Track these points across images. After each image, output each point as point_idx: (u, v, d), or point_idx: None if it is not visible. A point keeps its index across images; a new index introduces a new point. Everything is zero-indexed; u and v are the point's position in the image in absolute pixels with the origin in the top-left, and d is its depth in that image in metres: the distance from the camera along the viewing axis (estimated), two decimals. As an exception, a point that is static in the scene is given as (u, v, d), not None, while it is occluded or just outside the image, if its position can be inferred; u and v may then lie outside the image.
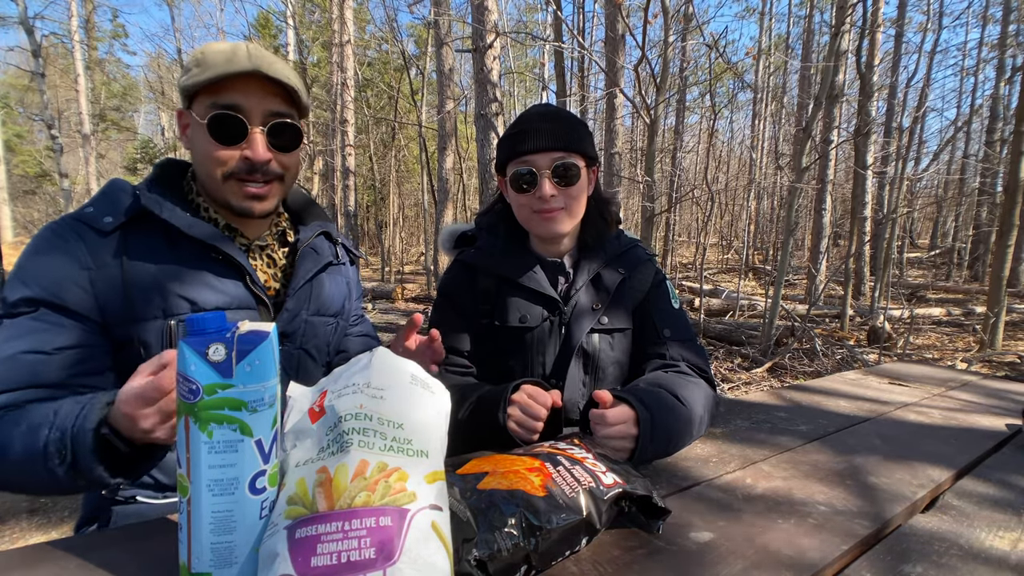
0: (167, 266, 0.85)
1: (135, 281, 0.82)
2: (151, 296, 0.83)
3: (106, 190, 0.88)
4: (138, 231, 0.85)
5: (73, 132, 17.91)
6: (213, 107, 0.85)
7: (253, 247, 0.96)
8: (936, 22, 11.51)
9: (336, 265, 1.08)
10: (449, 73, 8.57)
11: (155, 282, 0.84)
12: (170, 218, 0.84)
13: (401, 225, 21.70)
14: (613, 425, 0.83)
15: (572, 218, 1.07)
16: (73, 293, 0.79)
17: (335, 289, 1.07)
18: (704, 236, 9.16)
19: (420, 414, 0.59)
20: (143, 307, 0.83)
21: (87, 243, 0.82)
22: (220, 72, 0.82)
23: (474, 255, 1.14)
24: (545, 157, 1.02)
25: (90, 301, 0.80)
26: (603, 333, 1.10)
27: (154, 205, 0.85)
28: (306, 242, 1.01)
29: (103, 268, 0.81)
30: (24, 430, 0.69)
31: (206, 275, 0.87)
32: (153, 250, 0.85)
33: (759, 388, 4.52)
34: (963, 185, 14.97)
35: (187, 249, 0.86)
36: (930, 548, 0.70)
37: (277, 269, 0.99)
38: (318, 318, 1.02)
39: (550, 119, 1.04)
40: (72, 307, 0.79)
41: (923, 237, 21.85)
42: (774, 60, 15.35)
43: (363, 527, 0.47)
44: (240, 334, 0.52)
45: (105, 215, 0.83)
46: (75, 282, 0.79)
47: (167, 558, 0.57)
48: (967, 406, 1.43)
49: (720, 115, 14.97)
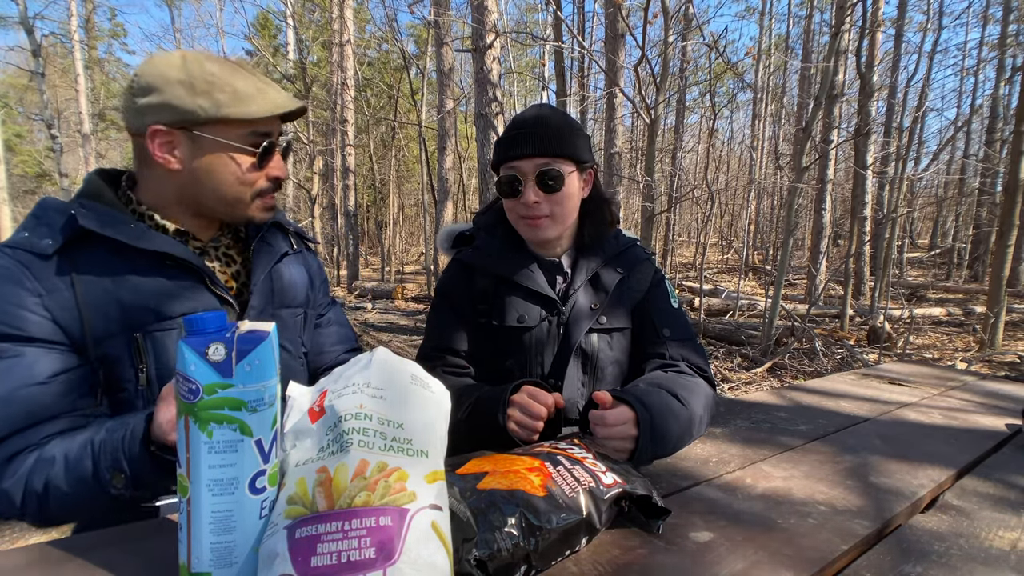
0: (122, 280, 0.82)
1: (90, 300, 0.80)
2: (111, 313, 0.81)
3: (37, 213, 0.83)
4: (84, 249, 0.81)
5: (73, 132, 17.89)
6: (254, 135, 0.86)
7: (207, 249, 0.94)
8: (936, 22, 11.50)
9: (293, 254, 1.06)
10: (449, 73, 8.57)
11: (113, 299, 0.81)
12: (114, 234, 0.81)
13: (401, 225, 21.71)
14: (613, 426, 0.83)
15: (558, 224, 1.07)
16: (34, 322, 0.77)
17: (297, 278, 1.05)
18: (704, 236, 9.16)
19: (420, 414, 0.59)
20: (103, 325, 0.80)
21: (31, 269, 0.78)
22: (269, 111, 0.85)
23: (472, 255, 1.14)
24: (529, 163, 1.02)
25: (51, 327, 0.78)
26: (602, 333, 1.10)
27: (93, 223, 0.80)
28: (256, 235, 0.99)
29: (53, 292, 0.78)
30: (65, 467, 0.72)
31: (165, 283, 0.85)
32: (103, 266, 0.81)
33: (759, 388, 4.52)
34: (963, 185, 14.97)
35: (139, 260, 0.83)
36: (930, 548, 0.71)
37: (235, 267, 0.98)
38: (285, 310, 1.01)
39: (540, 124, 1.03)
40: (39, 336, 0.77)
41: (923, 237, 21.85)
42: (774, 60, 15.35)
43: (363, 527, 0.47)
44: (240, 334, 0.52)
45: (43, 238, 0.79)
46: (33, 312, 0.77)
47: (167, 558, 0.57)
48: (967, 406, 1.43)
49: (720, 115, 14.97)
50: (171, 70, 0.82)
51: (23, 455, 0.74)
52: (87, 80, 15.17)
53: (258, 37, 18.02)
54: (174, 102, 0.81)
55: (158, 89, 0.81)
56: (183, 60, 0.83)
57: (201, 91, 0.81)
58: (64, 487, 0.72)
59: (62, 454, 0.73)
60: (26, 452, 0.74)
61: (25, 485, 0.73)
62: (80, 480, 0.72)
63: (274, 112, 0.86)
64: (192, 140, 0.84)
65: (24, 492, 0.73)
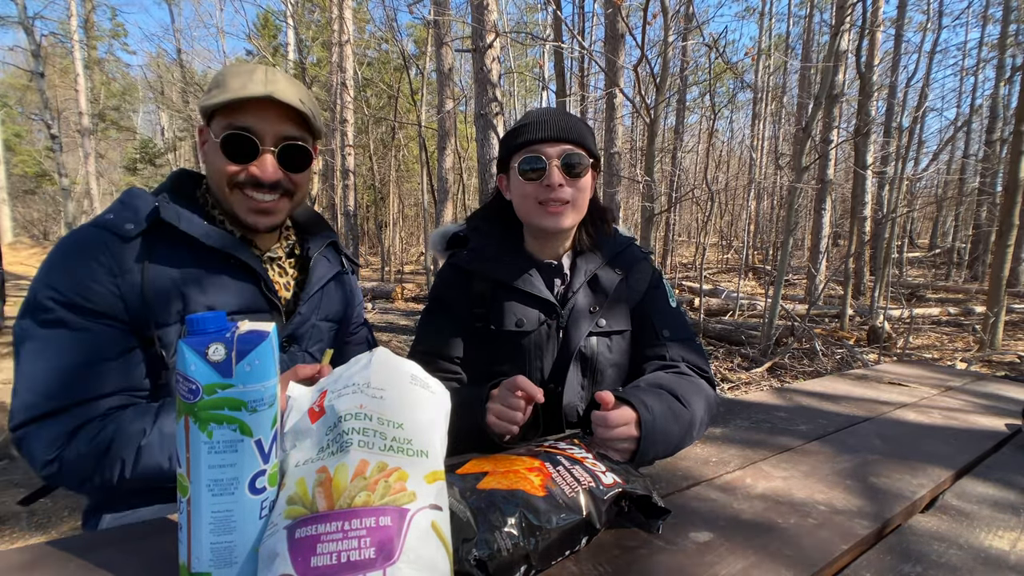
0: (187, 271, 0.88)
1: (155, 286, 0.85)
2: (171, 301, 0.86)
3: (124, 199, 0.90)
4: (159, 238, 0.87)
5: (72, 132, 17.89)
6: (228, 127, 0.89)
7: (265, 258, 1.01)
8: (936, 22, 11.50)
9: (344, 273, 1.15)
10: (449, 73, 8.57)
11: (175, 287, 0.87)
12: (188, 229, 0.88)
13: (401, 225, 21.70)
14: (615, 427, 0.83)
15: (577, 213, 1.06)
16: (106, 299, 0.82)
17: (340, 296, 1.13)
18: (704, 236, 9.16)
19: (420, 414, 0.59)
20: (163, 311, 0.86)
21: (112, 249, 0.84)
22: (234, 96, 0.87)
23: (467, 258, 1.12)
24: (555, 147, 1.02)
25: (120, 305, 0.83)
26: (601, 336, 1.10)
27: (173, 216, 0.87)
28: (318, 250, 1.07)
29: (127, 273, 0.84)
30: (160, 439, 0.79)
31: (225, 280, 0.91)
32: (174, 257, 0.88)
33: (759, 388, 4.52)
34: (963, 185, 14.97)
35: (206, 257, 0.90)
36: (930, 548, 0.71)
37: (288, 279, 1.04)
38: (325, 323, 1.08)
39: (557, 115, 1.05)
40: (110, 312, 0.83)
41: (923, 237, 21.85)
42: (774, 60, 15.35)
43: (363, 527, 0.47)
44: (240, 334, 0.52)
45: (126, 222, 0.86)
46: (106, 288, 0.82)
47: (167, 558, 0.57)
48: (967, 406, 1.43)
49: (720, 115, 14.99)
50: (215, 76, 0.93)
51: (92, 425, 0.79)
52: (87, 80, 15.17)
53: (258, 37, 18.01)
54: (200, 102, 0.93)
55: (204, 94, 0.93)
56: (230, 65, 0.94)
57: (209, 89, 0.91)
58: (159, 458, 0.78)
59: (155, 427, 0.79)
60: (94, 423, 0.79)
61: (106, 452, 0.77)
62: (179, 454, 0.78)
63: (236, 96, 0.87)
64: (207, 135, 0.93)
65: (103, 459, 0.77)
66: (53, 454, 0.77)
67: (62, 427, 0.78)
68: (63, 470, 0.77)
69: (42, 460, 0.77)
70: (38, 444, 0.77)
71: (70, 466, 0.77)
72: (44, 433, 0.78)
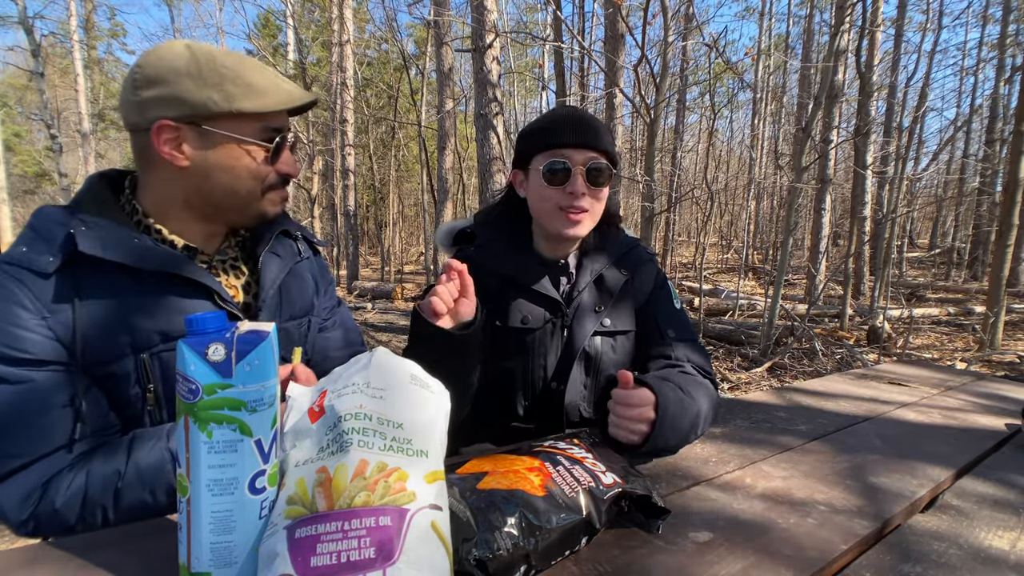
0: (126, 300, 0.78)
1: (92, 322, 0.76)
2: (115, 334, 0.77)
3: (35, 224, 0.77)
4: (87, 267, 0.76)
5: (72, 132, 17.89)
6: (266, 130, 0.83)
7: (214, 262, 0.91)
8: (936, 22, 11.49)
9: (300, 262, 1.03)
10: (449, 73, 8.56)
11: (118, 320, 0.77)
12: (117, 257, 0.76)
13: (401, 225, 21.70)
14: (635, 407, 0.82)
15: (593, 221, 1.06)
16: (41, 345, 0.73)
17: (304, 287, 1.02)
18: (704, 236, 9.16)
19: (420, 414, 0.59)
20: (108, 347, 0.77)
21: (31, 289, 0.73)
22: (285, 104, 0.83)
23: (476, 252, 1.11)
24: (581, 154, 1.01)
25: (58, 347, 0.74)
26: (605, 336, 1.10)
27: (95, 247, 0.75)
28: (265, 247, 0.95)
29: (56, 313, 0.74)
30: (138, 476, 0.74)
31: (172, 300, 0.81)
32: (107, 286, 0.77)
33: (759, 388, 4.52)
34: (963, 185, 14.96)
35: (146, 279, 0.79)
36: (930, 548, 0.71)
37: (244, 278, 0.95)
38: (291, 323, 0.98)
39: (585, 120, 1.04)
40: (49, 358, 0.74)
41: (923, 237, 21.85)
42: (774, 60, 15.35)
43: (363, 527, 0.47)
44: (239, 334, 0.52)
45: (41, 255, 0.74)
46: (37, 333, 0.73)
47: (167, 558, 0.57)
48: (967, 406, 1.43)
49: (720, 115, 14.98)
50: (178, 61, 0.77)
51: (63, 476, 0.73)
52: (86, 80, 15.16)
53: (258, 37, 18.01)
54: (183, 95, 0.76)
55: (164, 81, 0.76)
56: (189, 51, 0.78)
57: (212, 83, 0.77)
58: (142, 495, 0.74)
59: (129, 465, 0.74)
60: (65, 473, 0.73)
61: (84, 501, 0.72)
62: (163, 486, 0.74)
63: (289, 104, 0.84)
64: (201, 135, 0.79)
65: (82, 508, 0.72)
66: (27, 513, 0.71)
67: (30, 483, 0.71)
68: (41, 527, 0.72)
69: (16, 521, 0.71)
70: (9, 504, 0.71)
71: (48, 522, 0.72)
72: (13, 492, 0.71)
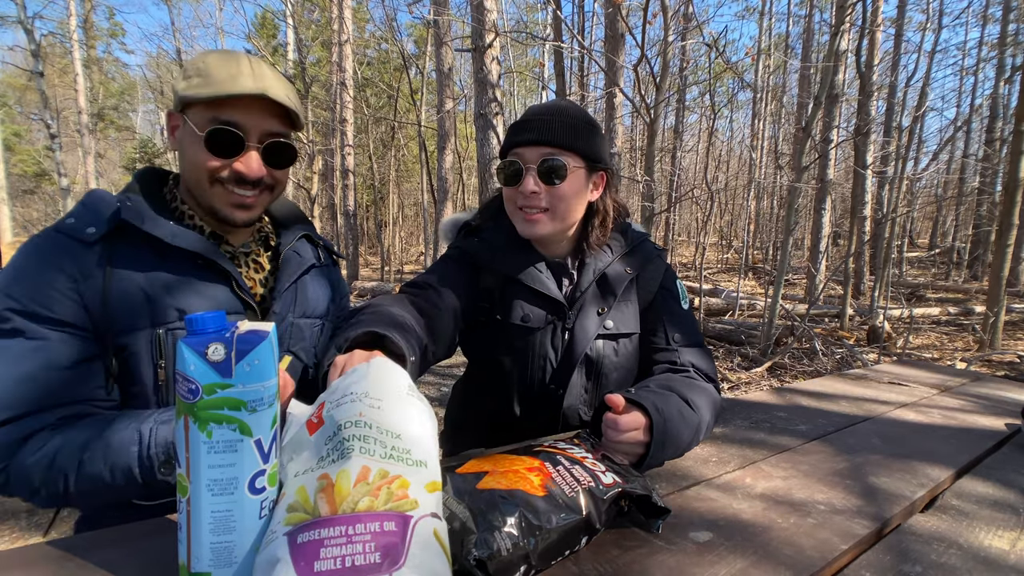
0: (153, 275, 0.85)
1: (119, 291, 0.82)
2: (137, 306, 0.83)
3: (86, 201, 0.87)
4: (122, 242, 0.84)
5: (72, 131, 17.88)
6: (213, 121, 0.85)
7: (238, 254, 0.98)
8: (936, 21, 11.49)
9: (319, 267, 1.09)
10: (448, 73, 8.56)
11: (141, 292, 0.84)
12: (151, 229, 0.84)
13: (401, 225, 21.70)
14: (625, 431, 0.80)
15: (555, 221, 1.01)
16: (67, 306, 0.80)
17: (320, 291, 1.08)
18: (704, 236, 9.16)
19: (416, 426, 0.58)
20: (128, 317, 0.83)
21: (73, 254, 0.81)
22: (224, 91, 0.84)
23: (478, 246, 1.09)
24: (534, 151, 0.98)
25: (82, 313, 0.81)
26: (608, 339, 1.07)
27: (135, 217, 0.84)
28: (288, 246, 1.03)
29: (89, 279, 0.81)
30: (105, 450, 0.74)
31: (194, 282, 0.88)
32: (138, 260, 0.85)
33: (759, 388, 4.52)
34: (963, 185, 14.98)
35: (173, 258, 0.87)
36: (929, 548, 0.71)
37: (263, 274, 1.00)
38: (304, 320, 1.03)
39: (554, 113, 0.99)
40: (70, 320, 0.80)
41: (923, 237, 21.85)
42: (774, 60, 15.34)
43: (367, 531, 0.47)
44: (239, 334, 0.52)
45: (87, 226, 0.83)
46: (67, 295, 0.80)
47: (167, 558, 0.57)
48: (967, 406, 1.43)
49: (720, 115, 14.97)
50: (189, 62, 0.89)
51: (41, 435, 0.76)
52: (86, 79, 15.16)
53: (257, 37, 18.00)
54: (175, 88, 0.89)
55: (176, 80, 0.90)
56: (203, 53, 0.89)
57: (187, 76, 0.87)
58: (101, 469, 0.74)
59: (100, 438, 0.75)
60: (44, 432, 0.76)
61: (51, 464, 0.74)
62: (122, 465, 0.74)
63: (228, 92, 0.84)
64: (182, 124, 0.89)
65: (48, 471, 0.74)
66: (1, 464, 0.74)
67: (11, 437, 0.75)
68: (10, 480, 0.75)
69: None
70: None
71: (17, 477, 0.74)
72: None
